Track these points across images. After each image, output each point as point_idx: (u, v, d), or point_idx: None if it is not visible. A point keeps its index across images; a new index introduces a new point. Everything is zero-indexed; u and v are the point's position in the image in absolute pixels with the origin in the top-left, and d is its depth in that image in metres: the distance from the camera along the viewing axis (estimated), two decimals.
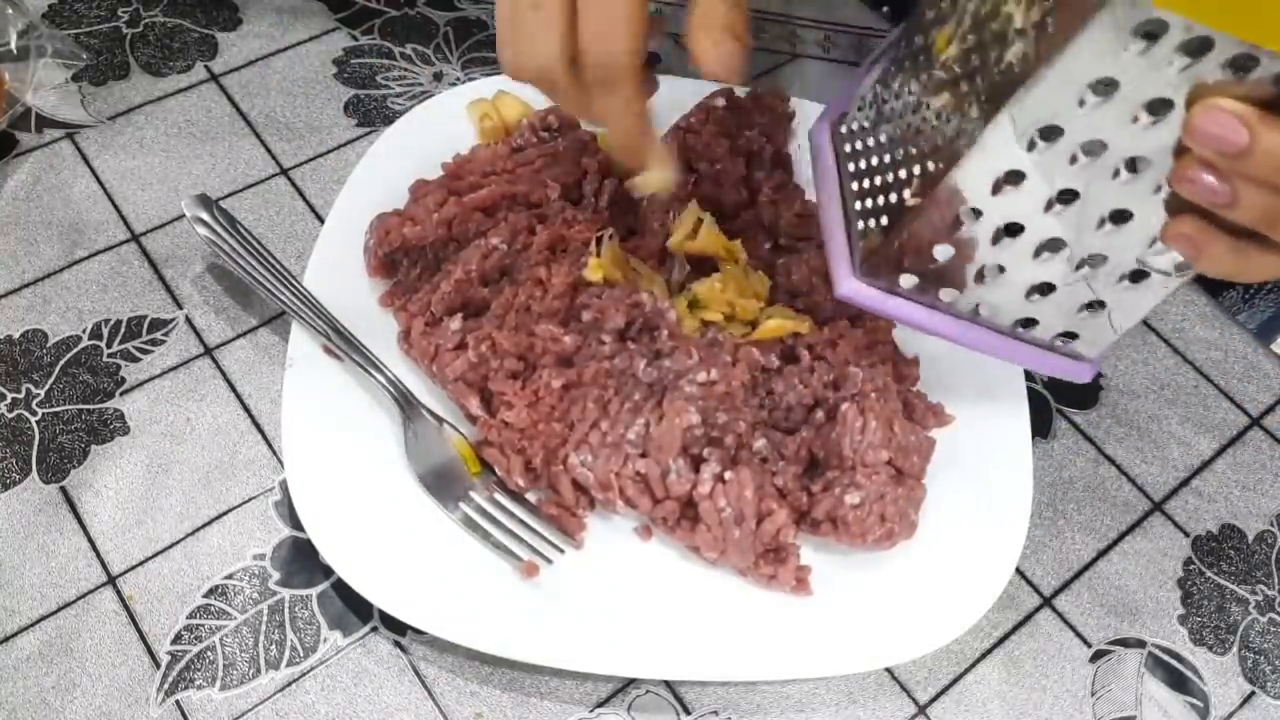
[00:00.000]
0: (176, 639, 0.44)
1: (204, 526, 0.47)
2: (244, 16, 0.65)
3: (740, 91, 0.57)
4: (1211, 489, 0.52)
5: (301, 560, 0.46)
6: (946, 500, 0.47)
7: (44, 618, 0.45)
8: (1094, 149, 0.34)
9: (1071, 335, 0.42)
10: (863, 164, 0.42)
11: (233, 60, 0.63)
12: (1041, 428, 0.53)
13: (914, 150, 0.38)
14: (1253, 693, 0.47)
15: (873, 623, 0.44)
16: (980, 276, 0.39)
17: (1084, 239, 0.37)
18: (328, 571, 0.46)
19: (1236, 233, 0.33)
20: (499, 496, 0.46)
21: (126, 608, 0.45)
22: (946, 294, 0.41)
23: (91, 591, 0.45)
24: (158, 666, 0.44)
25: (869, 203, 0.41)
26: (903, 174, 0.39)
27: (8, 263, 0.54)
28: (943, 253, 0.39)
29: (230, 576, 0.46)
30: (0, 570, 0.45)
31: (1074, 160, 0.35)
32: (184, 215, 0.54)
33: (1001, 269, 0.39)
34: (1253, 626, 0.49)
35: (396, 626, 0.45)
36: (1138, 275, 0.39)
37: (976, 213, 0.37)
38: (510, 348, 0.47)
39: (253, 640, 0.45)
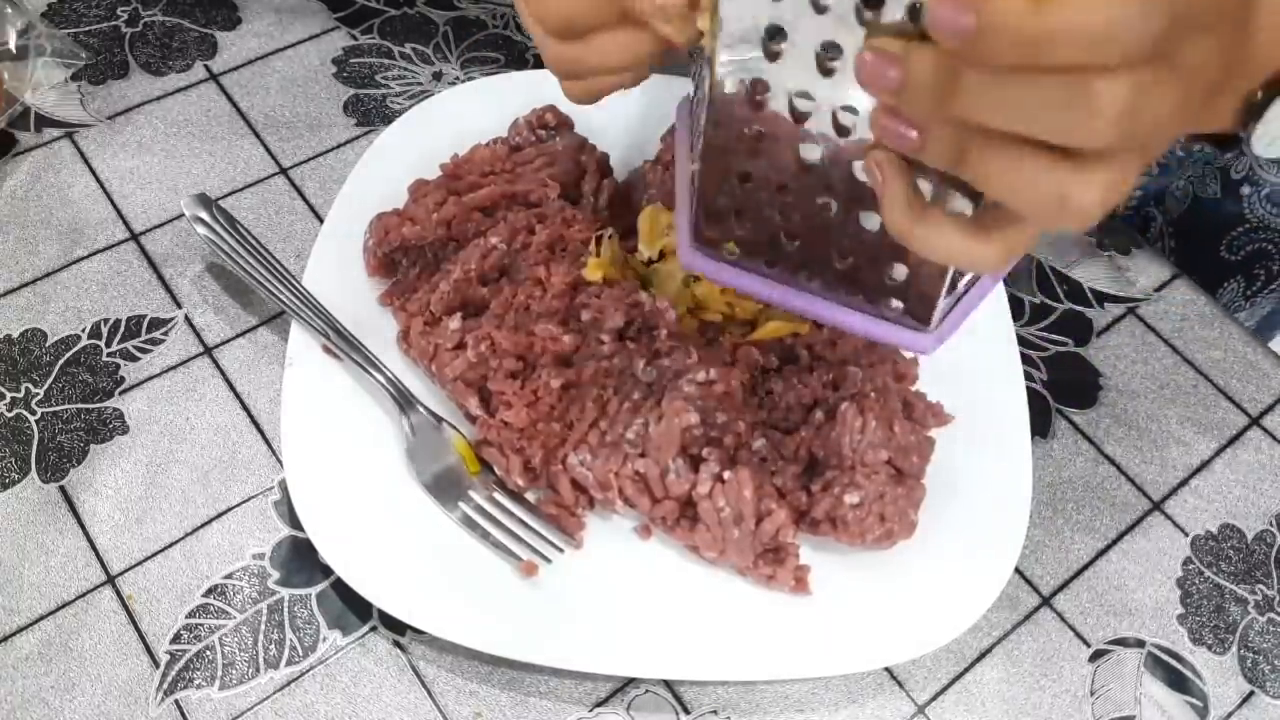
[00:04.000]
0: (176, 638, 0.44)
1: (203, 526, 0.47)
2: (243, 16, 0.65)
3: None
4: (1211, 489, 0.52)
5: (301, 560, 0.46)
6: (946, 500, 0.47)
7: (43, 617, 0.45)
8: (803, 96, 0.34)
9: (899, 298, 0.39)
10: (695, 137, 0.42)
11: (232, 59, 0.63)
12: (1041, 428, 0.53)
13: (701, 116, 0.38)
14: (1252, 692, 0.47)
15: (872, 622, 0.44)
16: (790, 236, 0.39)
17: (854, 180, 0.36)
18: (327, 571, 0.46)
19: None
20: (498, 496, 0.46)
21: (126, 607, 0.45)
22: (772, 258, 0.40)
23: (91, 591, 0.45)
24: (157, 666, 0.44)
25: (697, 174, 0.40)
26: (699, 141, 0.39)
27: (7, 262, 0.54)
28: (743, 215, 0.38)
29: (229, 576, 0.46)
30: None
31: (797, 113, 0.34)
32: (183, 214, 0.54)
33: (799, 224, 0.38)
34: (1252, 626, 0.49)
35: (395, 626, 0.45)
36: None
37: (744, 172, 0.37)
38: (509, 347, 0.47)
39: (252, 640, 0.45)
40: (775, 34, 0.32)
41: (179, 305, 0.53)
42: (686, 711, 0.44)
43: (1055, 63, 0.26)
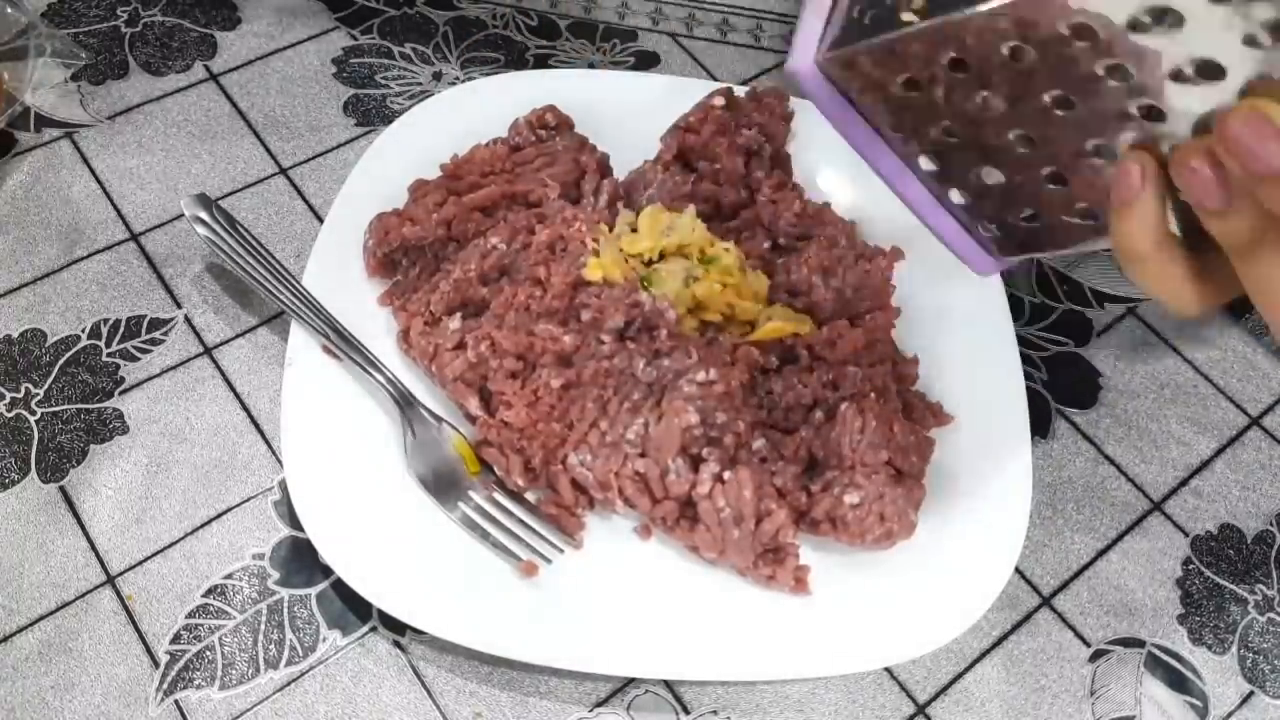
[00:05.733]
0: (175, 639, 0.44)
1: (203, 526, 0.47)
2: (243, 16, 0.65)
3: (739, 90, 0.57)
4: (1211, 489, 0.52)
5: (300, 560, 0.46)
6: (946, 500, 0.47)
7: (43, 617, 0.45)
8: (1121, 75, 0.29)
9: (999, 224, 0.37)
10: None
11: (232, 60, 0.63)
12: (1041, 428, 0.53)
13: None
14: (1252, 692, 0.47)
15: (872, 622, 0.44)
16: (941, 116, 0.34)
17: (1088, 133, 0.32)
18: (327, 571, 0.46)
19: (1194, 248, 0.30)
20: (498, 496, 0.46)
21: (125, 607, 0.45)
22: (897, 123, 0.35)
23: (90, 591, 0.45)
24: (157, 666, 0.44)
25: None
26: None
27: (7, 262, 0.54)
28: (898, 59, 0.33)
29: (229, 576, 0.46)
30: None
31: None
32: (183, 215, 0.54)
33: (960, 112, 0.33)
34: (1252, 626, 0.49)
35: (395, 626, 0.45)
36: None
37: (1012, 52, 0.31)
38: (509, 347, 0.47)
39: (252, 640, 0.45)
40: (1160, 15, 0.28)
41: (179, 305, 0.53)
42: (686, 711, 0.44)
43: None
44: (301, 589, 0.46)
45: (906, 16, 0.32)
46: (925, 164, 0.36)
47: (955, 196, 0.37)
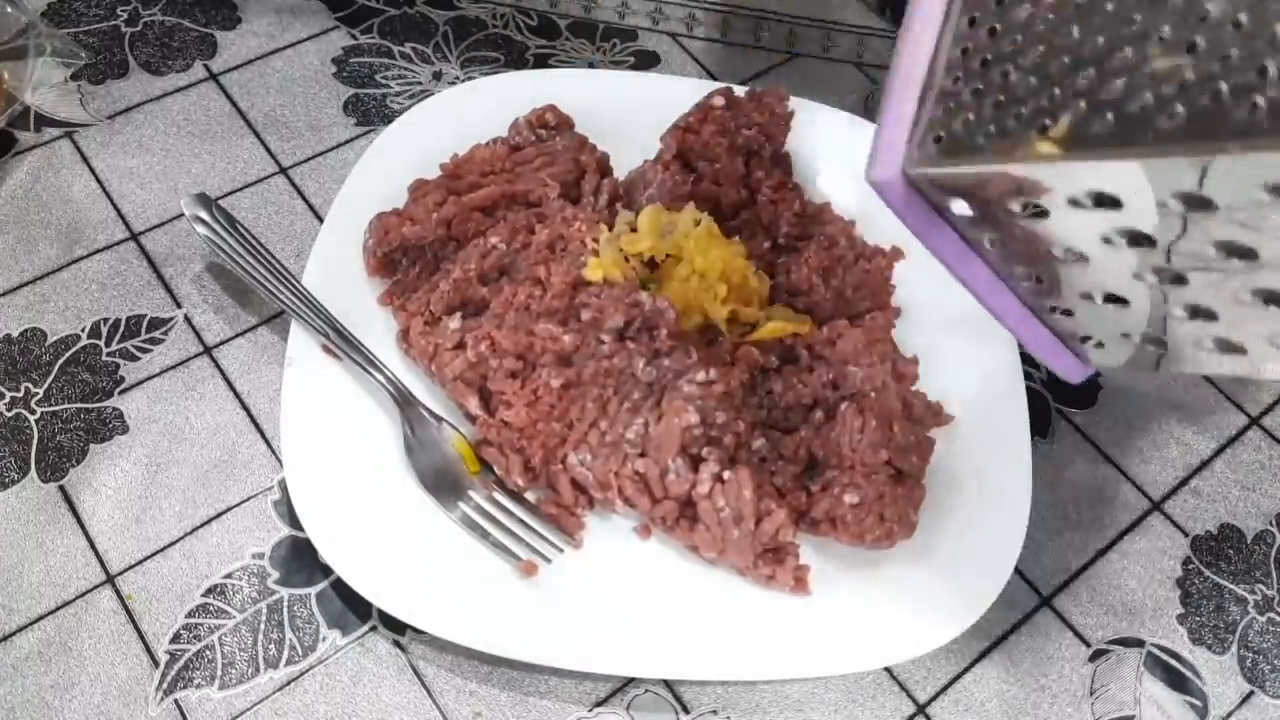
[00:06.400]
0: (175, 638, 0.44)
1: (203, 525, 0.47)
2: (243, 15, 0.65)
3: (739, 90, 0.57)
4: (1210, 489, 0.52)
5: (300, 559, 0.46)
6: (946, 500, 0.47)
7: (43, 617, 0.45)
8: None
9: (1101, 344, 0.34)
10: (993, 26, 0.30)
11: (232, 59, 0.63)
12: (1041, 428, 0.53)
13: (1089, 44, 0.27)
14: (1251, 692, 0.47)
15: (872, 622, 0.44)
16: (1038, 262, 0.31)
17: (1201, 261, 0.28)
18: (326, 571, 0.46)
19: None
20: (498, 496, 0.46)
21: (125, 607, 0.45)
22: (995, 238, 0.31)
23: (90, 590, 0.45)
24: (156, 665, 0.44)
25: (974, 73, 0.29)
26: (1054, 76, 0.28)
27: (7, 262, 0.54)
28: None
29: (229, 576, 0.46)
30: None
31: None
32: (183, 214, 0.54)
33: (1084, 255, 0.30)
34: (1251, 626, 0.49)
35: (395, 626, 0.45)
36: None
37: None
38: (509, 347, 0.47)
39: (251, 639, 0.45)
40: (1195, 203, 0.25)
41: (179, 305, 0.53)
42: (686, 711, 0.44)
43: None
44: (301, 589, 0.46)
45: (1045, 148, 0.28)
46: (1026, 280, 0.33)
47: (1057, 314, 0.34)
